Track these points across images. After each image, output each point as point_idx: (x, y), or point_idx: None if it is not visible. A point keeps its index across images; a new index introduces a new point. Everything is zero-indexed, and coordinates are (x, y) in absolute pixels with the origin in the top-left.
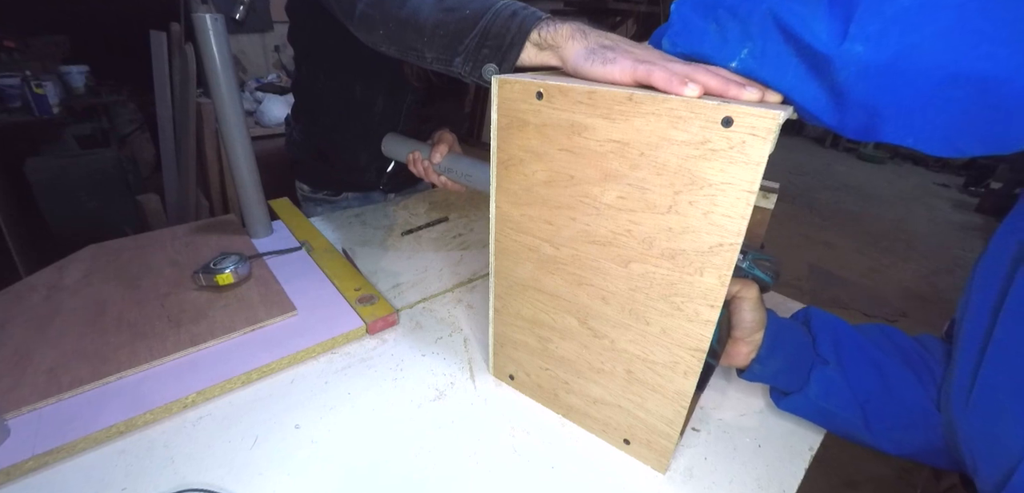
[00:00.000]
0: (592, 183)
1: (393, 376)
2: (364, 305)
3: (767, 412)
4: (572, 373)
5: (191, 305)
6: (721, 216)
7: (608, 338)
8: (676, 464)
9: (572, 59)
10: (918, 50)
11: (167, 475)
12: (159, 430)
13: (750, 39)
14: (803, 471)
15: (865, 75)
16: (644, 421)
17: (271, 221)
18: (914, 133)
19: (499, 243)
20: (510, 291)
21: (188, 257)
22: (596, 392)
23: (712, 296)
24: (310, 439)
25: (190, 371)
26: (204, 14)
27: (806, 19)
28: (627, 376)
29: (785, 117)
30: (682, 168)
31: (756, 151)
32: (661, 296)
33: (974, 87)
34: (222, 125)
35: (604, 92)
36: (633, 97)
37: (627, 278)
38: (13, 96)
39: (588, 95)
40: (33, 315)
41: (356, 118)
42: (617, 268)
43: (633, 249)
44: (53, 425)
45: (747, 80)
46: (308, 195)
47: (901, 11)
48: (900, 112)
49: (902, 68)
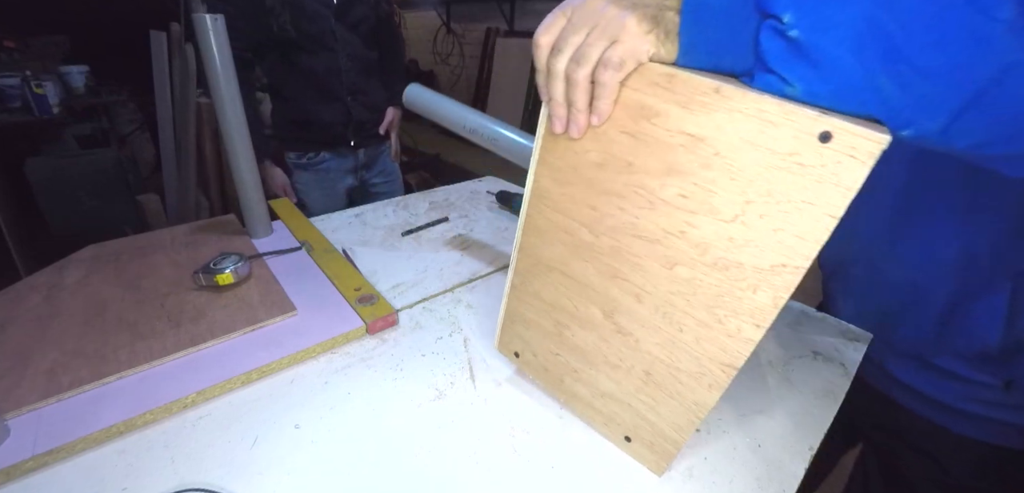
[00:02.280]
0: (652, 174)
1: (393, 376)
2: (364, 305)
3: (767, 412)
4: (584, 363)
5: (191, 305)
6: (793, 236)
7: (633, 337)
8: (676, 464)
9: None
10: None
11: (167, 475)
12: (159, 430)
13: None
14: (803, 471)
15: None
16: (653, 424)
17: (271, 221)
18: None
19: (531, 219)
20: (533, 270)
21: (188, 257)
22: (606, 386)
23: (761, 316)
24: (310, 439)
25: (190, 371)
26: (204, 14)
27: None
28: (644, 377)
29: (888, 141)
30: (761, 176)
31: (850, 174)
32: (704, 306)
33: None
34: (222, 125)
35: (687, 78)
36: (721, 90)
37: (669, 280)
38: (13, 96)
39: (667, 78)
40: (33, 315)
41: (308, 84)
42: (660, 268)
43: (684, 252)
44: (53, 425)
45: None
46: (295, 162)
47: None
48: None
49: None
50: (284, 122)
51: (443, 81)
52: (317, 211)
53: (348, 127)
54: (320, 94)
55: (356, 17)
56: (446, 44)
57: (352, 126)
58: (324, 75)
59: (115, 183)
